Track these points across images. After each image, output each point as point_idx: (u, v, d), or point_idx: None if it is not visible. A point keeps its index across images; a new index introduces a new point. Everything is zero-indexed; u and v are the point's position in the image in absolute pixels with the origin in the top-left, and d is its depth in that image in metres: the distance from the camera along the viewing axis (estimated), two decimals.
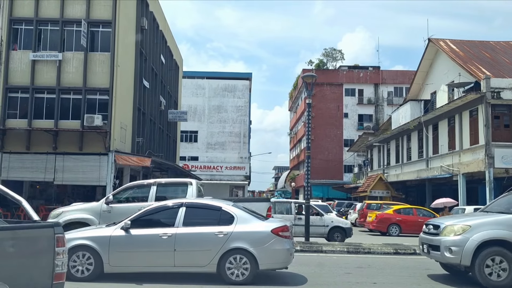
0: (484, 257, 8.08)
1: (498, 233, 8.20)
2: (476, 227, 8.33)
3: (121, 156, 22.54)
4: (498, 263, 8.08)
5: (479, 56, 28.26)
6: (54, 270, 4.44)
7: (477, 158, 22.95)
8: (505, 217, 8.52)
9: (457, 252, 8.20)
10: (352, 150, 46.76)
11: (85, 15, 23.21)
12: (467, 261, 8.16)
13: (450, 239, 8.38)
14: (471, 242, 8.13)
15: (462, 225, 8.46)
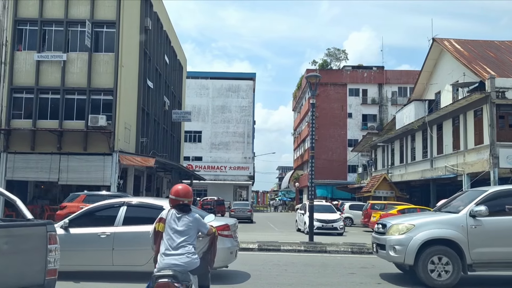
0: (427, 256, 8.05)
1: (442, 232, 8.16)
2: (420, 226, 8.29)
3: (125, 156, 22.58)
4: (442, 263, 8.06)
5: (483, 55, 28.13)
6: (47, 267, 4.62)
7: (482, 158, 22.84)
8: (450, 216, 8.51)
9: (401, 251, 8.17)
10: (356, 150, 46.64)
11: (89, 16, 23.29)
12: (410, 260, 8.13)
13: (395, 238, 8.36)
14: (414, 241, 8.10)
15: (406, 224, 8.43)
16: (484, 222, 8.14)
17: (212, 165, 56.41)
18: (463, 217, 8.21)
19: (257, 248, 13.02)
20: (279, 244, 13.59)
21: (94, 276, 8.19)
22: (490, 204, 8.39)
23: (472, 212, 8.18)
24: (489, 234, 8.12)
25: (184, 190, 4.92)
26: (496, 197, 8.60)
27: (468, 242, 8.05)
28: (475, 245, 8.05)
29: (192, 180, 42.29)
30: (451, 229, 8.15)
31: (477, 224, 8.12)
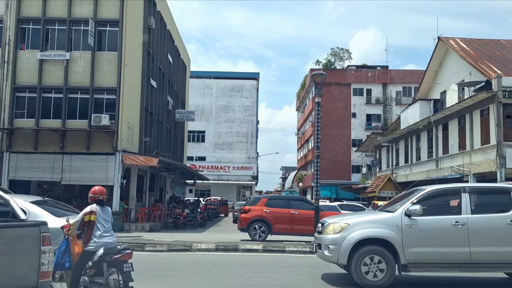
0: (360, 256, 7.89)
1: (375, 232, 8.01)
2: (354, 225, 8.16)
3: (128, 156, 22.45)
4: (375, 263, 7.89)
5: (489, 54, 27.88)
6: (40, 268, 4.55)
7: (488, 158, 22.61)
8: (386, 215, 8.34)
9: (335, 250, 8.03)
10: (360, 150, 46.41)
11: (92, 15, 23.16)
12: (343, 260, 8.01)
13: (330, 237, 8.21)
14: (348, 240, 7.96)
15: (341, 223, 8.30)
16: (419, 221, 7.98)
17: (216, 165, 56.28)
18: (398, 216, 8.05)
19: (262, 250, 12.85)
20: (284, 245, 13.42)
21: None
22: (427, 203, 8.25)
23: (407, 211, 8.00)
24: (424, 233, 7.98)
25: (100, 190, 6.84)
26: (433, 196, 8.48)
27: (403, 241, 7.88)
28: (409, 245, 7.88)
29: (196, 180, 42.16)
30: (385, 229, 8.00)
31: (412, 223, 7.96)
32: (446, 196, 8.60)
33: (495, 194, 8.66)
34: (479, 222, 7.96)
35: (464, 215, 7.97)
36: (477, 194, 8.33)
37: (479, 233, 7.90)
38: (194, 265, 10.13)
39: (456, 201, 8.21)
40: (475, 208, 8.07)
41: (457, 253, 7.91)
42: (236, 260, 10.72)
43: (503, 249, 7.89)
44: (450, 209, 8.31)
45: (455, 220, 7.94)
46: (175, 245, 13.23)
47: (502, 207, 8.11)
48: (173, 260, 10.71)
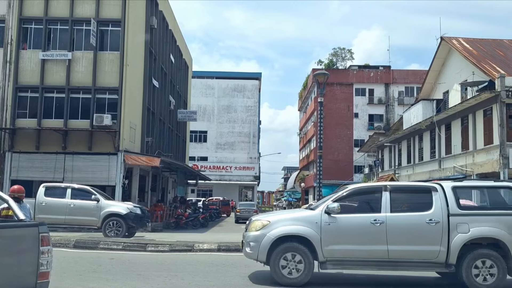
0: (279, 253, 7.85)
1: (294, 229, 7.98)
2: (275, 222, 8.13)
3: (130, 156, 22.43)
4: (295, 260, 7.85)
5: (492, 54, 27.76)
6: (39, 269, 4.49)
7: (492, 159, 22.50)
8: (307, 213, 8.33)
9: (255, 247, 7.99)
10: (363, 150, 46.30)
11: (94, 14, 23.15)
12: (263, 257, 7.95)
13: (251, 234, 8.16)
14: (267, 237, 7.92)
15: (263, 220, 8.26)
16: (338, 219, 7.95)
17: (218, 165, 56.25)
18: (318, 214, 8.04)
19: None
20: None
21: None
22: (348, 201, 8.27)
23: (326, 209, 7.99)
24: (343, 231, 7.92)
25: (18, 188, 8.25)
26: (354, 194, 8.46)
27: (321, 239, 7.85)
28: (328, 243, 7.85)
29: (198, 180, 42.12)
30: (305, 226, 7.96)
31: (331, 221, 7.93)
32: (367, 195, 8.59)
33: (416, 193, 8.56)
34: (397, 220, 7.92)
35: (383, 214, 7.93)
36: (398, 193, 8.33)
37: (397, 231, 7.86)
38: (196, 266, 10.08)
39: (377, 199, 8.15)
40: (395, 206, 8.04)
41: (375, 251, 7.87)
42: (238, 261, 10.66)
43: (420, 248, 7.85)
44: (370, 207, 8.23)
45: (373, 218, 7.90)
46: (177, 245, 13.18)
47: (423, 206, 8.06)
48: (175, 260, 10.66)
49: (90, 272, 8.91)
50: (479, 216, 7.97)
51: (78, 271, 8.94)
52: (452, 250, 7.76)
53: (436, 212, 7.90)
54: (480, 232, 7.80)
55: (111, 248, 12.60)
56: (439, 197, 8.02)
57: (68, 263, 9.90)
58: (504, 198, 8.42)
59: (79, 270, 9.12)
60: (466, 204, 11.74)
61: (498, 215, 7.93)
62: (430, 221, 7.83)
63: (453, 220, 7.86)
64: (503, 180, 8.69)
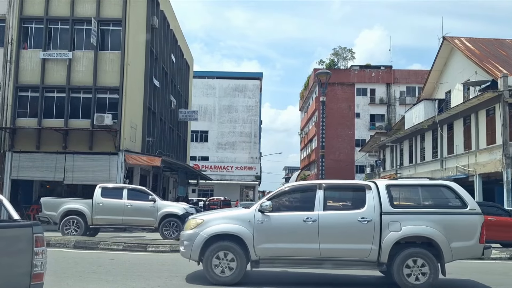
0: (211, 252, 7.78)
1: (227, 227, 7.90)
2: (209, 221, 8.05)
3: (131, 156, 22.34)
4: (227, 259, 7.78)
5: (495, 54, 27.65)
6: (33, 270, 4.37)
7: (494, 158, 22.40)
8: (242, 211, 8.25)
9: (188, 246, 7.92)
10: (364, 150, 46.20)
11: (95, 14, 23.06)
12: (195, 256, 7.89)
13: (186, 233, 8.10)
14: (200, 236, 7.84)
15: (197, 219, 8.20)
16: (272, 217, 7.87)
17: (219, 165, 56.12)
18: (252, 213, 7.96)
19: None
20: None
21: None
22: (283, 199, 8.24)
23: (260, 207, 7.91)
24: (275, 230, 7.83)
25: None
26: (289, 192, 8.46)
27: (254, 237, 7.77)
28: (260, 241, 7.77)
29: (199, 180, 42.04)
30: (238, 224, 7.89)
31: (264, 219, 7.85)
32: (302, 193, 8.54)
33: (351, 191, 8.52)
34: (330, 219, 7.82)
35: (316, 212, 7.83)
36: (332, 191, 8.30)
37: (329, 230, 7.76)
38: (197, 266, 9.97)
39: (311, 197, 8.05)
40: (328, 204, 7.97)
41: (306, 249, 7.77)
42: None
43: (352, 246, 7.74)
44: (305, 205, 8.11)
45: (306, 216, 7.80)
46: (178, 245, 13.07)
47: (356, 204, 7.99)
48: (176, 261, 10.55)
49: (90, 273, 8.82)
50: (413, 214, 7.85)
51: (78, 272, 8.85)
52: (384, 249, 7.63)
53: (368, 211, 7.80)
54: (412, 230, 7.68)
55: (112, 248, 12.50)
56: (372, 196, 7.91)
57: (67, 263, 9.81)
58: (439, 197, 8.35)
59: (79, 270, 9.02)
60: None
61: (431, 214, 7.83)
62: (362, 219, 7.72)
63: (386, 218, 7.74)
64: (439, 179, 8.65)
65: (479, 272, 9.93)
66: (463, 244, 7.70)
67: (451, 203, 8.07)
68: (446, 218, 7.80)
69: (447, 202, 8.15)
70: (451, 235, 7.66)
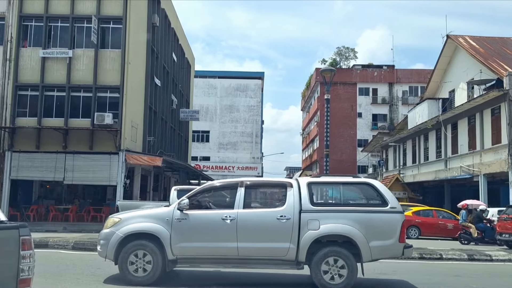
0: (127, 251, 7.56)
1: (143, 226, 7.69)
2: (126, 219, 7.86)
3: (132, 156, 22.08)
4: (143, 259, 7.56)
5: (500, 52, 27.36)
6: (19, 276, 4.06)
7: (500, 158, 22.10)
8: (162, 209, 8.04)
9: (104, 245, 7.69)
10: (366, 150, 45.92)
11: (95, 12, 22.81)
12: (111, 255, 7.65)
13: (102, 232, 7.89)
14: (116, 235, 7.63)
15: (114, 218, 8.05)
16: (190, 216, 7.69)
17: (220, 165, 55.86)
18: (171, 211, 7.76)
19: None
20: None
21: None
22: (204, 197, 8.09)
23: (178, 206, 7.72)
24: (194, 228, 7.64)
25: None
26: (210, 190, 8.30)
27: (171, 236, 7.56)
28: (178, 240, 7.57)
29: (200, 180, 41.74)
30: (155, 223, 7.68)
31: (182, 218, 7.66)
32: (223, 191, 8.37)
33: (272, 189, 8.39)
34: (249, 217, 7.63)
35: (235, 210, 7.66)
36: (254, 189, 8.20)
37: (248, 228, 7.56)
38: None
39: (232, 195, 7.90)
40: (248, 203, 7.79)
41: (224, 248, 7.58)
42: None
43: (270, 245, 7.54)
44: (225, 203, 7.98)
45: (225, 214, 7.61)
46: None
47: (277, 202, 7.88)
48: None
49: (89, 275, 8.54)
50: (332, 213, 7.66)
51: (75, 274, 8.58)
52: (302, 248, 7.45)
53: (288, 209, 7.62)
54: (329, 229, 7.49)
55: None
56: (293, 194, 7.73)
57: (65, 265, 9.56)
58: (361, 195, 8.20)
59: (76, 273, 8.76)
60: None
61: (351, 212, 7.64)
62: (281, 218, 7.56)
63: (305, 216, 7.55)
64: (362, 177, 8.52)
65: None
66: (382, 243, 7.52)
67: (372, 201, 7.92)
68: (366, 217, 7.61)
69: (368, 200, 8.02)
70: (371, 233, 7.48)
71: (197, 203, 7.93)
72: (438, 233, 21.22)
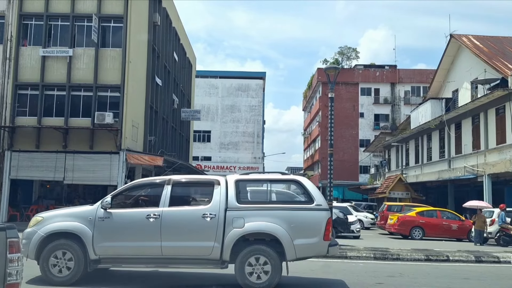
0: (49, 251, 7.37)
1: (64, 225, 7.52)
2: (48, 218, 7.68)
3: (132, 155, 21.87)
4: (65, 258, 7.37)
5: (504, 51, 27.12)
6: (6, 280, 3.83)
7: (504, 158, 21.86)
8: (85, 208, 7.90)
9: (26, 245, 7.41)
10: (369, 150, 45.68)
11: (96, 10, 22.62)
12: (32, 255, 7.41)
13: (25, 232, 7.67)
14: (37, 235, 7.45)
15: (37, 216, 7.85)
16: (114, 214, 7.52)
17: (221, 165, 55.64)
18: (94, 209, 7.60)
19: None
20: None
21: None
22: (129, 195, 7.93)
23: (101, 204, 7.56)
24: (117, 227, 7.47)
25: None
26: (136, 188, 8.13)
27: (93, 236, 7.38)
28: (100, 239, 7.39)
29: None
30: (77, 222, 7.50)
31: (106, 216, 7.49)
32: (150, 189, 8.21)
33: (199, 186, 8.23)
34: (173, 215, 7.47)
35: (160, 208, 7.50)
36: (181, 187, 8.01)
37: (172, 227, 7.41)
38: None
39: (159, 193, 7.69)
40: (174, 200, 7.61)
41: (148, 247, 7.41)
42: None
43: (194, 244, 7.38)
44: (151, 202, 7.83)
45: (149, 213, 7.46)
46: None
47: (203, 200, 7.71)
48: None
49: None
50: (258, 210, 7.49)
51: None
52: (226, 246, 7.29)
53: (213, 207, 7.47)
54: (254, 227, 7.34)
55: None
56: (219, 191, 7.59)
57: None
58: (288, 192, 8.05)
59: None
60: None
61: (277, 210, 7.49)
62: (206, 216, 7.41)
63: (230, 214, 7.41)
64: (291, 174, 8.42)
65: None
66: (306, 241, 7.38)
67: (299, 199, 7.79)
68: (291, 214, 7.48)
69: (295, 198, 7.88)
70: (295, 231, 7.33)
71: (123, 201, 7.82)
72: (442, 234, 20.99)
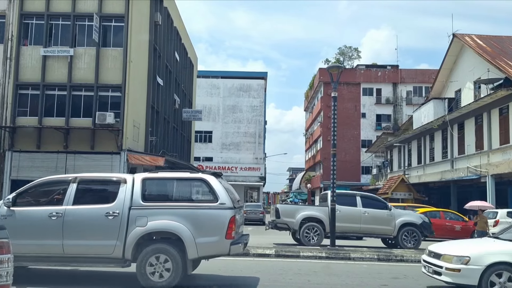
0: None
1: None
2: None
3: (133, 155, 21.76)
4: None
5: (507, 51, 26.93)
6: None
7: (508, 159, 21.70)
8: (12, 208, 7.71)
9: None
10: (371, 151, 45.49)
11: (97, 10, 22.52)
12: None
13: None
14: None
15: None
16: (17, 212, 7.53)
17: (223, 165, 55.44)
18: None
19: (274, 254, 12.03)
20: (298, 250, 12.60)
21: None
22: (34, 193, 7.87)
23: (4, 202, 7.53)
24: (20, 225, 7.39)
25: None
26: (40, 186, 8.02)
27: None
28: None
29: None
30: None
31: (8, 214, 7.49)
32: (55, 186, 8.12)
33: (106, 185, 8.15)
34: (76, 214, 7.50)
35: (64, 207, 7.54)
36: (87, 185, 8.02)
37: (75, 225, 7.44)
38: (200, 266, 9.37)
39: (63, 192, 7.71)
40: (79, 199, 7.63)
41: (49, 246, 7.43)
42: (249, 266, 9.97)
43: (96, 243, 7.40)
44: (55, 200, 7.79)
45: (51, 211, 7.48)
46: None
47: (108, 199, 7.67)
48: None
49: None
50: (162, 209, 7.53)
51: None
52: (128, 245, 7.32)
53: (117, 205, 7.51)
54: (156, 225, 7.38)
55: None
56: (125, 189, 7.62)
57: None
58: (193, 191, 8.02)
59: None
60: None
61: (181, 208, 7.52)
62: (109, 215, 7.42)
63: (134, 213, 7.46)
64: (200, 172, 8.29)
65: None
66: (208, 240, 7.39)
67: (204, 197, 7.79)
68: (194, 213, 7.49)
69: (200, 196, 7.89)
70: (198, 230, 7.35)
71: (28, 199, 7.78)
72: (445, 234, 20.76)
